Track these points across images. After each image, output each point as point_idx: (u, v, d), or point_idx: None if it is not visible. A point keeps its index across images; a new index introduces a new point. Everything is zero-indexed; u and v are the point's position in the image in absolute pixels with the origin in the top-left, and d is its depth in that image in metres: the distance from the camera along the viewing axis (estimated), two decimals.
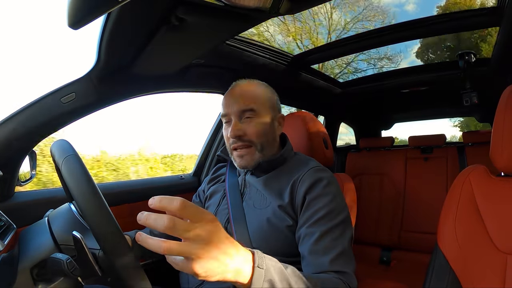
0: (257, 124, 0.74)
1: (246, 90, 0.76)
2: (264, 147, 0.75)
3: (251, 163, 0.75)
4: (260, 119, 0.74)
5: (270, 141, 0.77)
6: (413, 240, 1.73)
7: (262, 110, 0.75)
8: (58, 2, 4.20)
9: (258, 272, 0.41)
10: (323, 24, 1.32)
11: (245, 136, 0.74)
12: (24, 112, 0.79)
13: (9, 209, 0.79)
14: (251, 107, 0.74)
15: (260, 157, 0.75)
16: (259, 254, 0.43)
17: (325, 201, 0.66)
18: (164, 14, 0.61)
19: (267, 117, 0.76)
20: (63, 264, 0.50)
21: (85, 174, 0.50)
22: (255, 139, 0.74)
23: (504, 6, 0.88)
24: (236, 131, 0.73)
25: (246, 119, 0.74)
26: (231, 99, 0.76)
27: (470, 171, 0.70)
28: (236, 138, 0.74)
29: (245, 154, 0.75)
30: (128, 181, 1.14)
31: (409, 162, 1.91)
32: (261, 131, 0.74)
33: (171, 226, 0.33)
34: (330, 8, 1.33)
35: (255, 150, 0.75)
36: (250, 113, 0.74)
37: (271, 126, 0.77)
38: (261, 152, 0.75)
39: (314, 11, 1.29)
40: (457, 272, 0.62)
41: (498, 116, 0.66)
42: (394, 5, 1.14)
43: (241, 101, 0.74)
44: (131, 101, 0.99)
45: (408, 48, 1.46)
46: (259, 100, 0.75)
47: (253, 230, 0.71)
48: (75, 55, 5.81)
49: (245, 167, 0.77)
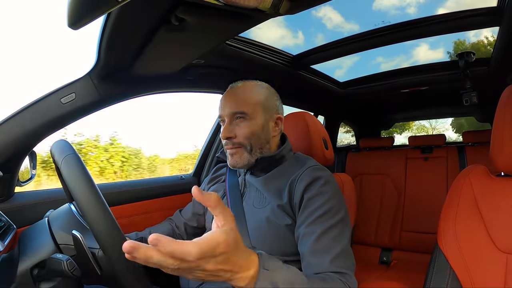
0: (246, 126, 0.76)
1: (238, 93, 0.78)
2: (254, 148, 0.77)
3: (240, 162, 0.77)
4: (250, 122, 0.76)
5: (262, 142, 0.78)
6: (413, 240, 1.73)
7: (253, 113, 0.76)
8: (58, 2, 4.21)
9: (263, 274, 0.43)
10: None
11: (235, 138, 0.76)
12: (24, 112, 0.79)
13: (9, 209, 0.79)
14: (241, 110, 0.75)
15: (249, 158, 0.77)
16: (263, 256, 0.45)
17: (323, 200, 0.67)
18: (164, 14, 0.61)
19: (258, 119, 0.77)
20: (63, 264, 0.50)
21: (84, 172, 0.50)
22: (244, 140, 0.76)
23: (504, 6, 0.88)
24: (226, 132, 0.76)
25: (236, 121, 0.77)
26: (224, 102, 0.78)
27: (470, 171, 0.70)
28: (227, 140, 0.77)
29: (234, 153, 0.77)
30: (128, 181, 1.14)
31: (409, 162, 1.91)
32: (250, 133, 0.76)
33: (177, 267, 0.35)
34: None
35: (243, 150, 0.77)
36: (241, 115, 0.76)
37: (263, 127, 0.78)
38: (249, 152, 0.77)
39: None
40: (458, 272, 0.62)
41: (498, 116, 0.66)
42: (395, 8, 1.14)
43: (233, 104, 0.76)
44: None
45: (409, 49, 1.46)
46: (250, 103, 0.76)
47: (252, 229, 0.71)
48: (75, 55, 5.81)
49: (234, 166, 0.79)
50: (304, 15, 1.26)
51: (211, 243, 0.36)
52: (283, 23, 1.25)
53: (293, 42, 1.25)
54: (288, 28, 1.30)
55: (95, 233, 0.48)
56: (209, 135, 1.45)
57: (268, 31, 1.12)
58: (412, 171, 1.88)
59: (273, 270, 0.45)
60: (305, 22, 1.28)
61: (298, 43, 1.24)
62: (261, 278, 0.42)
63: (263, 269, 0.43)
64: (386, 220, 1.83)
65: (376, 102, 2.03)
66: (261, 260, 0.44)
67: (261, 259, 0.44)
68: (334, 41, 1.19)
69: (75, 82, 0.84)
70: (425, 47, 1.46)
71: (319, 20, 1.30)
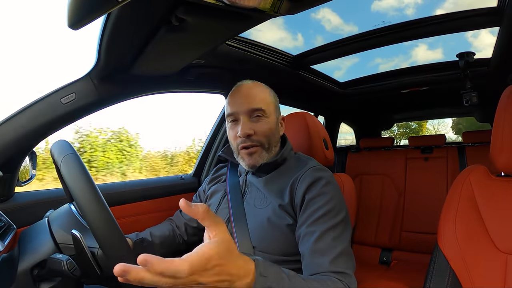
0: (266, 124, 0.75)
1: (254, 90, 0.77)
2: (270, 147, 0.77)
3: (259, 161, 0.76)
4: (268, 119, 0.76)
5: (275, 141, 0.78)
6: (413, 241, 1.72)
7: (269, 111, 0.76)
8: (58, 2, 4.21)
9: (259, 281, 0.43)
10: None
11: (255, 135, 0.74)
12: (24, 112, 0.79)
13: (9, 209, 0.79)
14: (260, 106, 0.75)
15: (267, 157, 0.76)
16: (260, 262, 0.45)
17: (324, 200, 0.67)
18: (164, 14, 0.61)
19: (273, 117, 0.78)
20: (63, 264, 0.50)
21: (84, 171, 0.50)
22: (263, 138, 0.75)
23: (504, 6, 0.88)
24: (247, 129, 0.73)
25: (255, 118, 0.75)
26: (240, 99, 0.76)
27: (470, 171, 0.70)
28: (246, 137, 0.74)
29: (254, 152, 0.75)
30: (128, 181, 1.14)
31: (409, 162, 1.91)
32: (269, 131, 0.75)
33: (171, 285, 0.34)
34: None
35: (262, 149, 0.76)
36: (259, 112, 0.75)
37: (276, 126, 0.79)
38: (267, 151, 0.76)
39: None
40: (458, 272, 0.62)
41: (498, 116, 0.66)
42: (393, 9, 1.14)
43: (251, 100, 0.75)
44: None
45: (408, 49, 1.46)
46: (266, 101, 0.77)
47: (253, 229, 0.71)
48: (75, 55, 5.81)
49: (253, 166, 0.77)
50: (303, 17, 1.27)
51: (202, 257, 0.36)
52: (283, 25, 1.26)
53: (292, 44, 1.26)
54: (288, 30, 1.31)
55: (93, 230, 0.48)
56: (209, 135, 1.45)
57: (268, 34, 1.13)
58: (412, 171, 1.88)
59: (270, 276, 0.45)
60: (304, 24, 1.28)
61: (297, 46, 1.25)
62: (257, 284, 0.42)
63: (260, 276, 0.43)
64: (386, 220, 1.83)
65: (376, 102, 2.03)
66: (258, 267, 0.44)
67: (258, 265, 0.44)
68: (335, 41, 1.19)
69: (75, 82, 0.84)
70: (424, 47, 1.47)
71: (318, 22, 1.31)
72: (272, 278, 0.45)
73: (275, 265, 0.48)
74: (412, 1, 1.11)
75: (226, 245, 0.39)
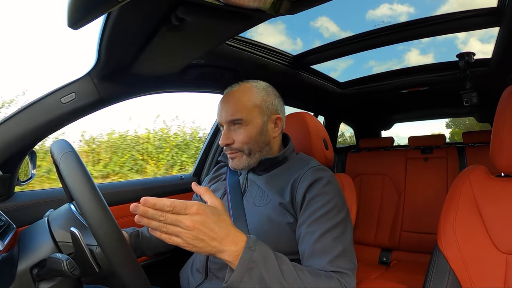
0: (243, 132, 0.77)
1: (233, 98, 0.79)
2: (253, 152, 0.78)
3: (240, 165, 0.79)
4: (247, 127, 0.77)
5: (261, 145, 0.79)
6: (413, 241, 1.72)
7: (249, 117, 0.77)
8: (58, 2, 4.21)
9: (247, 253, 0.49)
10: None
11: (233, 144, 0.78)
12: (24, 112, 0.79)
13: (9, 209, 0.79)
14: (237, 117, 0.76)
15: (248, 160, 0.78)
16: (252, 238, 0.52)
17: (324, 200, 0.67)
18: (164, 14, 0.61)
19: (255, 123, 0.77)
20: (62, 264, 0.50)
21: (83, 169, 0.50)
22: (241, 145, 0.77)
23: (504, 6, 0.88)
24: (225, 140, 0.78)
25: (235, 126, 0.78)
26: (221, 108, 0.80)
27: (470, 171, 0.70)
28: (225, 146, 0.78)
29: (234, 157, 0.79)
30: (128, 181, 1.14)
31: (409, 162, 1.91)
32: (248, 138, 0.77)
33: (163, 219, 0.45)
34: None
35: (242, 154, 0.78)
36: (238, 121, 0.77)
37: (262, 130, 0.78)
38: (248, 156, 0.78)
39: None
40: (457, 273, 0.62)
41: (498, 116, 0.66)
42: (387, 16, 1.15)
43: (229, 111, 0.77)
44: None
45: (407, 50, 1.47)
46: (246, 108, 0.77)
47: (253, 227, 0.71)
48: (75, 55, 5.81)
49: (235, 169, 0.81)
50: (302, 24, 1.31)
51: (184, 202, 0.46)
52: (284, 30, 1.28)
53: (292, 48, 1.28)
54: (288, 35, 1.33)
55: (91, 227, 0.48)
56: (208, 135, 1.45)
57: (268, 37, 1.14)
58: (412, 171, 1.88)
59: (258, 251, 0.50)
60: (303, 31, 1.32)
61: (297, 49, 1.27)
62: (243, 254, 0.48)
63: (248, 249, 0.49)
64: (386, 220, 1.83)
65: (376, 102, 2.03)
66: (248, 241, 0.50)
67: (249, 239, 0.51)
68: (335, 41, 1.19)
69: (75, 82, 0.84)
70: (416, 52, 1.49)
71: (316, 29, 1.35)
72: (259, 253, 0.50)
73: (267, 245, 0.53)
74: (405, 10, 1.14)
75: (211, 208, 0.49)
